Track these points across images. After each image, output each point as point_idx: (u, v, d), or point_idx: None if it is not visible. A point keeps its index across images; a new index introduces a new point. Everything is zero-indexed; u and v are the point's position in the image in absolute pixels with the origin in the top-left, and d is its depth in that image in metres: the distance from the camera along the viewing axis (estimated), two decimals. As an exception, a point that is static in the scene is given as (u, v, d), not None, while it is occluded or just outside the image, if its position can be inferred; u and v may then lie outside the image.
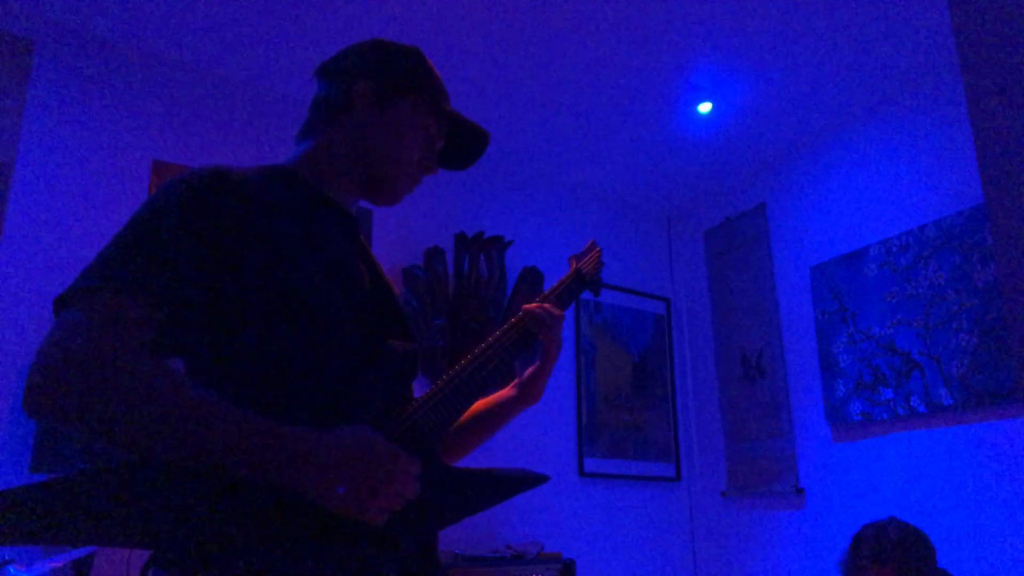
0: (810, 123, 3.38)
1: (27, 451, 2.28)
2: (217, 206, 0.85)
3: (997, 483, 2.57)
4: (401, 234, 3.23)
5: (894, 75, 3.03)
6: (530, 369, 1.17)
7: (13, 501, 0.66)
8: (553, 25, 2.74)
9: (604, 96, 3.17)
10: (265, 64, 2.95)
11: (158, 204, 0.84)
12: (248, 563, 0.73)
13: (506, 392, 1.19)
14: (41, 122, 2.59)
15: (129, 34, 2.76)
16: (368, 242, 2.03)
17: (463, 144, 1.17)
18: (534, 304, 1.15)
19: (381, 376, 0.92)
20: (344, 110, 1.05)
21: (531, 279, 3.43)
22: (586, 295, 1.36)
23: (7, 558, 1.90)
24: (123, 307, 0.77)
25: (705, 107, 3.25)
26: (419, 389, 1.00)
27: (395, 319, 1.05)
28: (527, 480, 0.95)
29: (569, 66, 2.97)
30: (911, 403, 2.84)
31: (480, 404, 1.17)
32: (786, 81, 3.07)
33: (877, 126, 3.22)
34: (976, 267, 2.71)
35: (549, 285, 1.25)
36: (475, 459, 1.08)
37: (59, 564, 1.94)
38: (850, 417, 3.06)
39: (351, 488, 0.76)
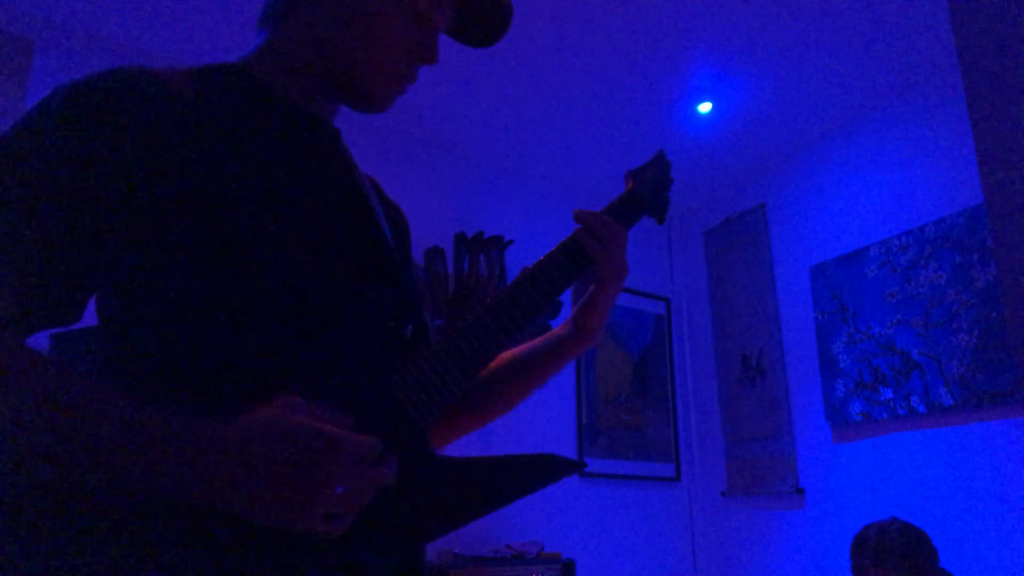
0: (810, 123, 3.38)
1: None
2: (116, 114, 0.64)
3: (997, 483, 2.57)
4: (401, 234, 3.23)
5: (894, 75, 3.03)
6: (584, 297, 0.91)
7: None
8: (553, 25, 2.74)
9: (604, 96, 3.17)
10: (265, 64, 2.95)
11: (34, 116, 0.64)
12: None
13: (561, 329, 0.93)
14: (41, 122, 2.59)
15: (129, 34, 2.76)
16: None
17: (479, 12, 0.86)
18: (587, 212, 0.88)
19: (351, 333, 0.70)
20: None
21: (531, 279, 3.43)
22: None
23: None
24: None
25: (705, 107, 3.25)
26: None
27: (379, 257, 0.79)
28: (563, 467, 0.76)
29: (569, 66, 2.97)
30: (911, 403, 2.84)
31: (530, 344, 0.94)
32: (786, 81, 3.07)
33: (877, 126, 3.22)
34: (976, 267, 2.71)
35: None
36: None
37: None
38: (850, 417, 3.06)
39: (277, 497, 0.55)
